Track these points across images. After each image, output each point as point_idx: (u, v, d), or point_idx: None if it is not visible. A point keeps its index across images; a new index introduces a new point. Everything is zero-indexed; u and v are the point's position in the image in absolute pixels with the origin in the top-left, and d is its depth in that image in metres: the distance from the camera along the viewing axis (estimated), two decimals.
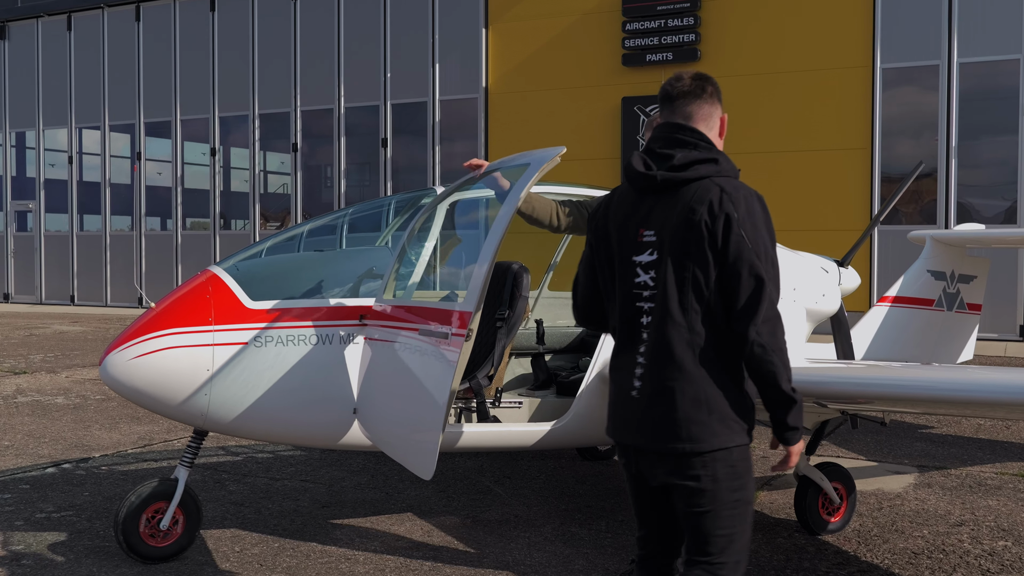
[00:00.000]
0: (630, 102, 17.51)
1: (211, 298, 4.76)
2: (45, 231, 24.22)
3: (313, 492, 6.29)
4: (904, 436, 8.14)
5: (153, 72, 22.47)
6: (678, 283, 2.91)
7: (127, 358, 4.67)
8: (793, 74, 16.45)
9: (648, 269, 2.97)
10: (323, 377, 4.82)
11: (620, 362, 3.05)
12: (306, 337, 4.79)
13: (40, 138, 24.15)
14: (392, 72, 19.89)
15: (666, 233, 2.93)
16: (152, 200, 23.08)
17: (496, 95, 18.97)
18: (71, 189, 23.92)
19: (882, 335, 8.10)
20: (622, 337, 3.06)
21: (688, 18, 17.07)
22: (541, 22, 18.47)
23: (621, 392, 3.02)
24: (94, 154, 23.71)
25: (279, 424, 4.90)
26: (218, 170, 22.00)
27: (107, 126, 23.20)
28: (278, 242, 5.51)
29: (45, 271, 24.13)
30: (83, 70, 23.38)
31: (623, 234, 3.03)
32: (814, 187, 16.18)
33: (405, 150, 20.15)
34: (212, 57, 21.73)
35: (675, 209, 2.92)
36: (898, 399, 4.94)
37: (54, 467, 6.93)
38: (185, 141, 22.46)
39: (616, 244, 3.05)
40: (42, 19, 23.89)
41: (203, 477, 6.64)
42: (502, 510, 5.90)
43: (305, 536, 5.37)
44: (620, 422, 3.04)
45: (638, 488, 3.11)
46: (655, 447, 2.93)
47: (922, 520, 5.74)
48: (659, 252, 2.95)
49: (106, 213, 23.38)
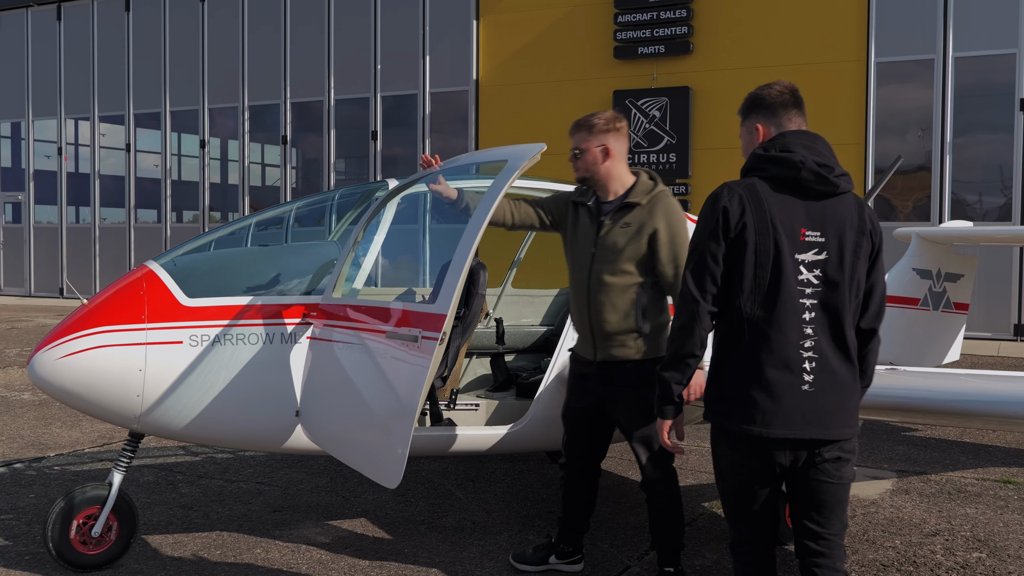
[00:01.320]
0: (621, 95, 17.26)
1: (144, 295, 4.53)
2: (35, 223, 24.02)
3: (267, 495, 6.08)
4: (886, 439, 7.91)
5: (142, 63, 22.24)
6: (849, 284, 3.18)
7: (54, 357, 4.45)
8: (786, 68, 16.17)
9: (812, 268, 3.16)
10: (262, 378, 4.60)
11: (775, 359, 3.13)
12: (244, 336, 4.57)
13: (30, 129, 23.94)
14: (382, 64, 19.65)
15: (832, 235, 3.17)
16: (142, 192, 22.87)
17: (487, 87, 18.74)
18: (60, 180, 23.71)
19: (888, 337, 7.88)
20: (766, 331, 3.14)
21: (680, 10, 16.82)
22: (532, 14, 18.22)
23: (781, 388, 3.12)
24: (84, 145, 23.51)
25: (216, 427, 4.68)
26: (208, 162, 21.79)
27: (96, 117, 22.98)
28: (222, 235, 5.29)
29: (34, 263, 23.93)
30: (73, 60, 23.16)
31: (783, 232, 3.15)
32: None
33: (395, 143, 19.92)
34: (202, 48, 21.51)
35: (843, 215, 3.20)
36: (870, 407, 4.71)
37: (5, 467, 6.72)
38: (173, 133, 22.24)
39: (774, 238, 3.15)
40: (32, 8, 23.66)
41: (156, 478, 6.43)
42: (460, 516, 5.68)
43: (249, 542, 5.15)
44: (782, 418, 3.12)
45: (761, 485, 3.22)
46: (826, 436, 3.15)
47: (895, 529, 5.51)
48: (828, 253, 3.16)
49: (95, 205, 23.17)
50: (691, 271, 3.23)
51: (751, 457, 3.18)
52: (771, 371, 3.13)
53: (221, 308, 4.57)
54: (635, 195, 4.40)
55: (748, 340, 3.16)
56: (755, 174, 3.24)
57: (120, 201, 22.99)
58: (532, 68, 18.22)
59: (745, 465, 3.21)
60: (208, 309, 4.56)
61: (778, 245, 3.15)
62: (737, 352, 3.19)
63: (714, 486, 6.39)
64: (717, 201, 3.20)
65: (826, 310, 3.16)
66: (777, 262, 3.15)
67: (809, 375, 3.13)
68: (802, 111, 3.37)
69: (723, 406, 3.22)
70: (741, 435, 3.17)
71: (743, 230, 3.15)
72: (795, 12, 16.17)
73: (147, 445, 7.33)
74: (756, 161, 3.26)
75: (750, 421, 3.13)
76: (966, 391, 4.61)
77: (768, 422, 3.12)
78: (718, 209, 3.18)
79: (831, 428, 3.14)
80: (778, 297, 3.14)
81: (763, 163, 3.23)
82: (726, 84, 16.64)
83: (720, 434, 3.27)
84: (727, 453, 3.25)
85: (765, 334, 3.15)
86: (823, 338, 3.15)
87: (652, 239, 4.29)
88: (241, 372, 4.55)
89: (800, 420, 3.12)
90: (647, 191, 4.41)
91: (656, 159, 17.04)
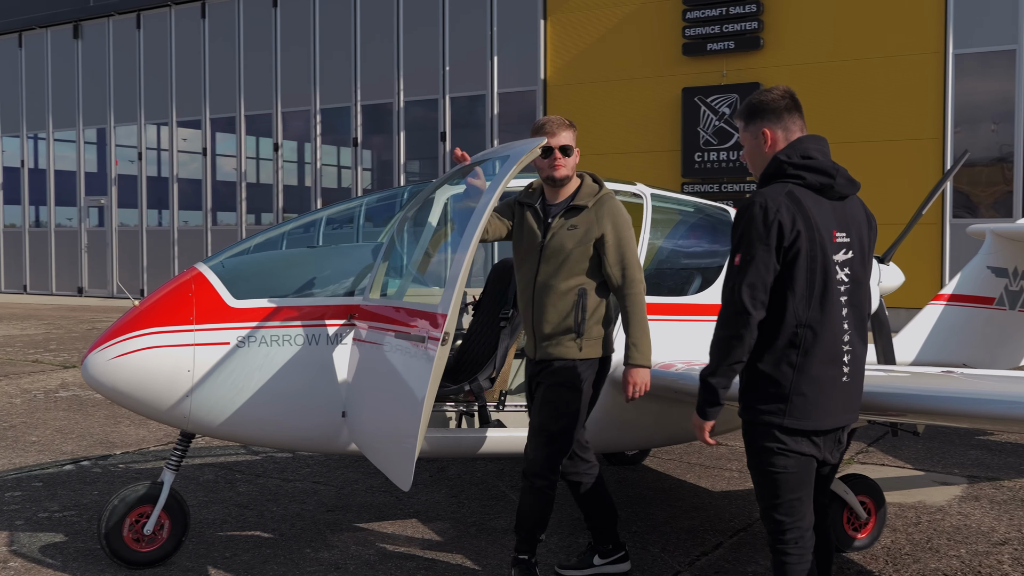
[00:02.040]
0: (690, 92, 17.04)
1: (193, 296, 4.59)
2: (117, 226, 24.69)
3: (322, 495, 6.12)
4: (958, 443, 7.64)
5: (218, 68, 22.70)
6: (867, 278, 3.44)
7: (107, 358, 4.54)
8: (860, 61, 15.81)
9: (844, 267, 3.35)
10: (310, 379, 4.62)
11: (823, 355, 3.31)
12: (291, 337, 4.59)
13: (111, 135, 24.60)
14: (451, 65, 19.73)
15: (854, 235, 3.40)
16: (219, 195, 23.34)
17: (555, 87, 18.67)
18: (140, 185, 24.33)
19: (936, 336, 7.62)
20: (818, 331, 3.30)
21: (750, 5, 16.53)
22: (600, 12, 18.10)
23: (828, 382, 3.33)
24: (163, 150, 24.08)
25: (264, 428, 4.72)
26: (281, 165, 22.15)
27: (175, 122, 23.53)
28: (272, 237, 5.33)
29: (117, 265, 24.59)
30: (151, 67, 23.74)
31: (825, 236, 3.31)
32: (883, 179, 15.47)
33: (464, 143, 19.97)
34: (275, 53, 21.86)
35: (856, 214, 3.45)
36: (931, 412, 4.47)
37: (72, 464, 6.89)
38: (248, 136, 22.65)
39: (820, 243, 3.30)
40: (113, 18, 24.32)
41: (215, 476, 6.53)
42: (512, 518, 5.61)
43: (301, 542, 5.19)
44: (829, 409, 3.34)
45: (809, 474, 3.41)
46: (853, 420, 3.48)
47: (961, 537, 5.31)
48: (853, 251, 3.38)
49: (174, 208, 23.72)
50: (746, 284, 3.26)
51: (806, 448, 3.34)
52: (820, 368, 3.31)
53: (267, 309, 4.60)
54: (581, 198, 4.39)
55: (802, 342, 3.29)
56: (788, 180, 3.35)
57: (198, 204, 23.51)
58: (600, 67, 18.10)
59: (799, 456, 3.35)
60: (254, 311, 4.59)
61: (824, 249, 3.30)
62: (793, 354, 3.29)
63: None
64: (767, 214, 3.25)
65: (854, 304, 3.38)
66: (824, 265, 3.30)
67: (847, 367, 3.37)
68: (802, 114, 3.49)
69: (779, 406, 3.31)
70: (796, 430, 3.31)
71: (796, 239, 3.26)
72: (869, 3, 15.76)
73: (209, 444, 7.45)
74: (786, 168, 3.35)
75: (805, 416, 3.30)
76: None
77: (820, 416, 3.33)
78: (771, 222, 3.24)
79: (855, 412, 3.47)
80: (826, 298, 3.30)
81: (798, 170, 3.34)
82: (798, 79, 16.27)
83: (771, 432, 3.34)
84: (780, 449, 3.33)
85: (817, 334, 3.30)
86: (853, 331, 3.38)
87: (599, 242, 4.30)
88: (287, 373, 4.58)
89: (840, 410, 3.38)
90: (593, 194, 4.41)
91: (726, 156, 16.78)
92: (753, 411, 3.38)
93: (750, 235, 3.27)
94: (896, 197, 15.51)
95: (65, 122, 25.42)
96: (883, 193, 15.40)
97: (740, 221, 3.32)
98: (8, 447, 7.39)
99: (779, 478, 3.36)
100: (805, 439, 3.33)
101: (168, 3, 23.29)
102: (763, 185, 3.41)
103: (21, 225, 26.47)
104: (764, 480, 3.41)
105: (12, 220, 26.80)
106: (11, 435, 7.81)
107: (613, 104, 17.73)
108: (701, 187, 16.97)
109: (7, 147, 26.66)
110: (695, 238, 6.23)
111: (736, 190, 16.73)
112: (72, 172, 25.49)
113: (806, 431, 3.32)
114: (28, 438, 7.71)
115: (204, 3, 22.86)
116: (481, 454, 5.03)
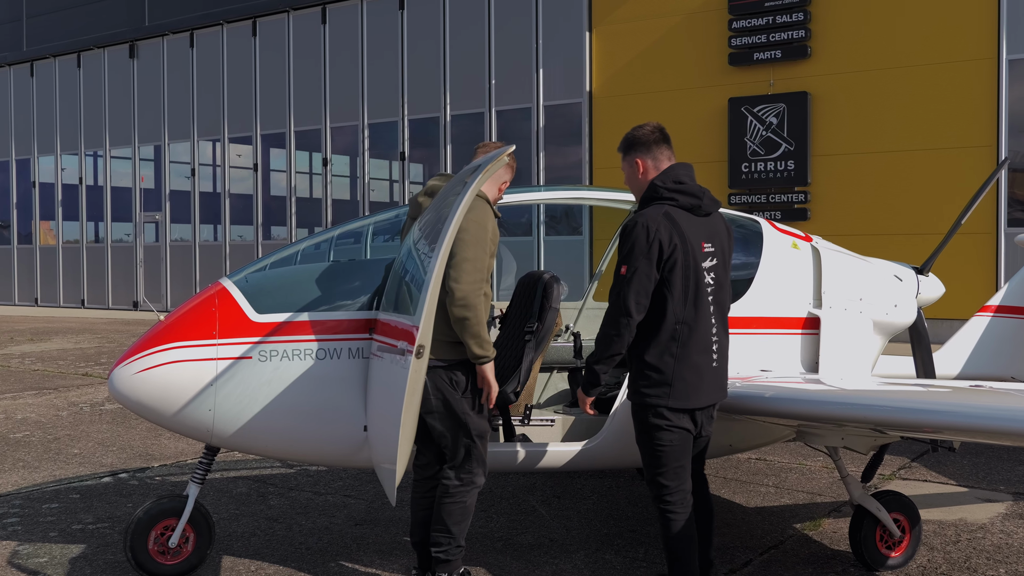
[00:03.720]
0: (737, 102, 16.88)
1: (216, 311, 4.63)
2: (171, 241, 25.11)
3: (352, 508, 6.12)
4: (1006, 459, 7.42)
5: (269, 85, 23.02)
6: (727, 280, 4.23)
7: (132, 372, 4.60)
8: (909, 69, 15.52)
9: (710, 272, 4.13)
10: (331, 393, 4.62)
11: (698, 346, 4.07)
12: (312, 351, 4.60)
13: (166, 151, 25.05)
14: (496, 79, 19.78)
15: (718, 244, 4.19)
16: (269, 210, 23.63)
17: (600, 99, 18.62)
18: (193, 200, 24.73)
19: (983, 348, 7.41)
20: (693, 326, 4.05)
21: (797, 14, 16.33)
22: (645, 23, 18.02)
23: (703, 367, 4.09)
24: (215, 165, 24.46)
25: (287, 441, 4.74)
26: (330, 179, 22.36)
27: (226, 138, 23.90)
28: (289, 254, 5.35)
29: (171, 280, 25.00)
30: (204, 84, 24.15)
31: (695, 247, 4.07)
32: (935, 188, 15.20)
33: None
34: (323, 69, 22.11)
35: (719, 227, 4.25)
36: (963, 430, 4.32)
37: (111, 476, 6.99)
38: (298, 151, 22.91)
39: (692, 254, 4.05)
40: (167, 37, 24.80)
41: (249, 489, 6.57)
42: (539, 533, 5.60)
43: (327, 556, 5.19)
44: (704, 390, 4.10)
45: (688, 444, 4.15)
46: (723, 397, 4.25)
47: (1001, 557, 5.15)
48: (717, 259, 4.17)
49: (226, 223, 24.06)
50: (632, 292, 3.97)
51: (687, 424, 4.09)
52: (696, 356, 4.07)
53: (289, 324, 4.62)
54: None
55: (680, 335, 4.03)
56: (664, 202, 4.08)
57: (250, 219, 23.82)
58: (646, 78, 18.01)
59: (682, 431, 4.09)
60: (276, 325, 4.61)
61: (695, 259, 4.06)
62: (673, 346, 4.04)
63: (809, 507, 6.14)
64: (649, 233, 3.98)
65: (719, 303, 4.18)
66: (696, 272, 4.06)
67: (715, 355, 4.14)
68: (670, 146, 4.26)
69: (664, 390, 4.04)
70: (680, 409, 4.05)
71: (673, 252, 3.99)
72: (919, 10, 15.48)
73: (245, 457, 7.50)
74: (661, 192, 4.10)
75: (685, 397, 4.05)
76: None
77: (698, 397, 4.08)
78: (653, 240, 3.97)
79: (724, 391, 4.25)
80: (699, 299, 4.07)
81: (672, 193, 4.09)
82: (847, 88, 16.07)
83: (657, 412, 4.06)
84: (667, 425, 4.06)
85: (693, 329, 4.05)
86: (719, 325, 4.16)
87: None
88: (308, 387, 4.58)
89: (713, 390, 4.15)
90: None
91: (773, 167, 16.58)
92: (642, 395, 4.09)
93: (635, 251, 3.98)
94: (947, 206, 15.18)
95: (121, 139, 25.96)
96: (934, 202, 15.11)
97: (627, 239, 4.01)
98: (51, 459, 7.52)
99: (664, 450, 4.08)
100: (687, 416, 4.08)
101: (220, 22, 23.68)
102: (643, 207, 4.12)
103: (79, 241, 27.04)
104: (652, 452, 4.12)
105: (71, 236, 27.38)
106: (55, 447, 7.95)
107: (659, 115, 17.59)
108: (748, 198, 16.79)
109: (65, 164, 27.27)
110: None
111: (784, 200, 16.52)
112: (128, 188, 25.99)
113: (688, 408, 4.07)
114: (70, 450, 7.84)
115: (255, 21, 23.20)
116: (504, 469, 4.99)
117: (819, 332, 5.36)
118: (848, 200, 16.07)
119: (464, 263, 4.14)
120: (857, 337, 5.54)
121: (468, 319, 4.14)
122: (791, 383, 4.79)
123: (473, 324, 4.15)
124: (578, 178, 18.88)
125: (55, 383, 11.64)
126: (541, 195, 8.67)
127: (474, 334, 4.17)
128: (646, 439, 4.13)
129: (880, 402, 4.37)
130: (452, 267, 4.13)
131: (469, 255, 4.15)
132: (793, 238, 5.63)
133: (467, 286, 4.12)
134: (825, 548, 5.32)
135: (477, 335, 4.18)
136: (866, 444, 4.96)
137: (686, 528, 4.12)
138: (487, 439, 4.41)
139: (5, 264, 28.71)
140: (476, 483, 4.37)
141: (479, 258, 4.18)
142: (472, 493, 4.37)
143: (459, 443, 4.33)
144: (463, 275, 4.13)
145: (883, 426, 4.39)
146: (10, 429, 8.71)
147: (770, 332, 5.32)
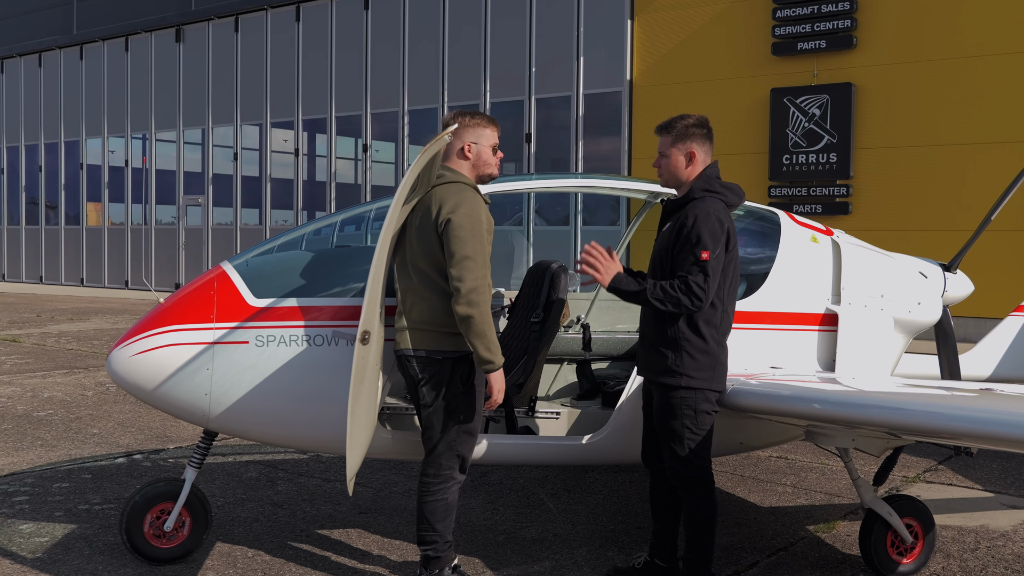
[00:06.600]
0: (779, 93, 16.58)
1: (215, 294, 4.58)
2: (213, 224, 25.32)
3: (359, 496, 6.07)
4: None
5: (311, 70, 23.08)
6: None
7: (129, 354, 4.57)
8: (960, 60, 15.11)
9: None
10: (326, 378, 4.54)
11: (727, 335, 4.31)
12: (310, 337, 4.54)
13: (209, 135, 25.26)
14: (536, 67, 19.63)
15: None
16: (309, 195, 23.73)
17: (641, 88, 18.40)
18: (235, 184, 24.91)
19: (1017, 350, 7.16)
20: (731, 316, 4.30)
21: (844, 3, 15.98)
22: (688, 11, 17.76)
23: (726, 352, 4.34)
24: (258, 150, 24.61)
25: (284, 427, 4.67)
26: (370, 165, 22.39)
27: (268, 123, 24.02)
28: (292, 238, 5.30)
29: (212, 263, 25.22)
30: (248, 69, 24.29)
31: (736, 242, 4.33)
32: (979, 182, 14.77)
33: (549, 145, 19.86)
34: (365, 55, 22.11)
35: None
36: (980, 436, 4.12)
37: (125, 457, 7.01)
38: (339, 136, 22.95)
39: (736, 249, 4.24)
40: (212, 21, 24.97)
41: (259, 474, 6.55)
42: (543, 527, 5.50)
43: (326, 545, 5.14)
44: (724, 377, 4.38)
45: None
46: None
47: (1021, 567, 4.95)
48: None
49: (266, 207, 24.21)
50: (714, 281, 4.09)
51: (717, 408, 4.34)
52: (726, 345, 4.30)
53: (286, 308, 4.55)
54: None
55: (724, 324, 4.24)
56: (715, 196, 4.19)
57: (290, 203, 23.94)
58: (687, 67, 17.76)
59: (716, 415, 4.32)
60: (273, 310, 4.55)
61: (737, 254, 4.26)
62: (725, 336, 4.27)
63: (825, 508, 5.97)
64: (723, 224, 4.12)
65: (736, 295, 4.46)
66: (736, 266, 4.26)
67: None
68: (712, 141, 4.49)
69: (710, 374, 4.19)
70: (720, 392, 4.26)
71: (734, 246, 4.17)
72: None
73: None
74: (715, 185, 4.22)
75: (723, 382, 4.28)
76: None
77: (725, 382, 4.32)
78: (726, 231, 4.13)
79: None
80: (735, 291, 4.32)
81: (724, 190, 4.24)
82: (892, 79, 15.70)
83: (706, 395, 4.20)
84: (711, 410, 4.23)
85: (730, 318, 4.30)
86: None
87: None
88: (303, 372, 4.52)
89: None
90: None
91: (815, 159, 16.26)
92: (691, 378, 4.18)
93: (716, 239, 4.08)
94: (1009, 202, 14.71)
95: (166, 123, 26.21)
96: (978, 197, 14.65)
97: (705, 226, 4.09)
98: (69, 439, 7.57)
99: (708, 435, 4.25)
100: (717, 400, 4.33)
101: (264, 7, 23.79)
102: (689, 198, 4.22)
103: (124, 223, 27.39)
104: (695, 436, 4.19)
105: (116, 218, 27.74)
106: (75, 427, 8.01)
107: (699, 105, 17.32)
108: (789, 191, 16.49)
109: (113, 147, 27.62)
110: (742, 244, 5.98)
111: (825, 194, 16.20)
112: (172, 171, 26.26)
113: (721, 392, 4.31)
114: (90, 430, 7.89)
115: (299, 7, 23.27)
116: (505, 462, 4.90)
117: (837, 329, 5.19)
118: (892, 194, 15.71)
119: (465, 261, 4.03)
120: (876, 335, 5.36)
121: (472, 317, 3.98)
122: (800, 381, 4.63)
123: (478, 323, 3.98)
124: (617, 167, 18.68)
125: (86, 363, 11.76)
126: (546, 183, 8.51)
127: (479, 333, 3.99)
128: (691, 423, 4.18)
129: (891, 404, 4.20)
130: (454, 267, 4.03)
131: (469, 252, 4.03)
132: (812, 231, 5.46)
133: (472, 283, 4.00)
134: (836, 552, 5.16)
135: (483, 335, 3.99)
136: (878, 446, 4.78)
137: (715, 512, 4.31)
138: (475, 437, 4.30)
139: (53, 245, 29.19)
140: (455, 478, 4.25)
141: (479, 253, 4.05)
142: (452, 489, 4.25)
143: (444, 438, 4.22)
144: (466, 273, 4.01)
145: (893, 429, 4.22)
146: (35, 407, 8.80)
147: (785, 328, 5.16)
